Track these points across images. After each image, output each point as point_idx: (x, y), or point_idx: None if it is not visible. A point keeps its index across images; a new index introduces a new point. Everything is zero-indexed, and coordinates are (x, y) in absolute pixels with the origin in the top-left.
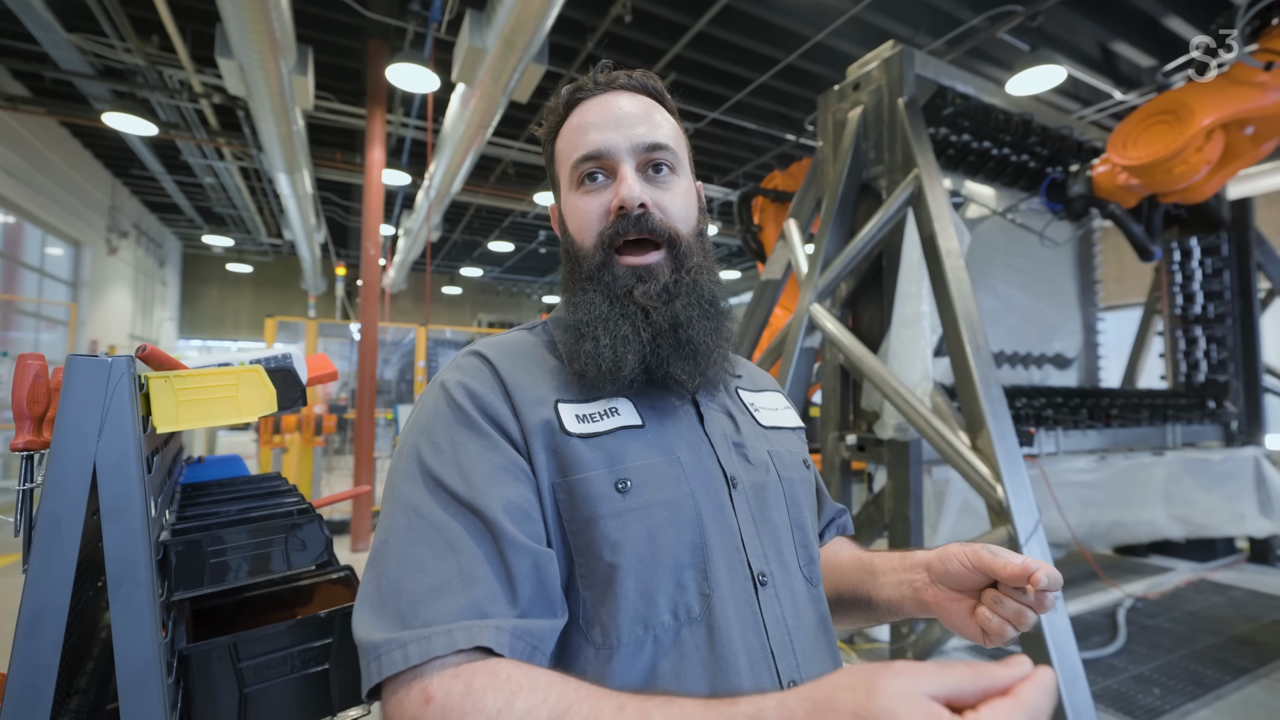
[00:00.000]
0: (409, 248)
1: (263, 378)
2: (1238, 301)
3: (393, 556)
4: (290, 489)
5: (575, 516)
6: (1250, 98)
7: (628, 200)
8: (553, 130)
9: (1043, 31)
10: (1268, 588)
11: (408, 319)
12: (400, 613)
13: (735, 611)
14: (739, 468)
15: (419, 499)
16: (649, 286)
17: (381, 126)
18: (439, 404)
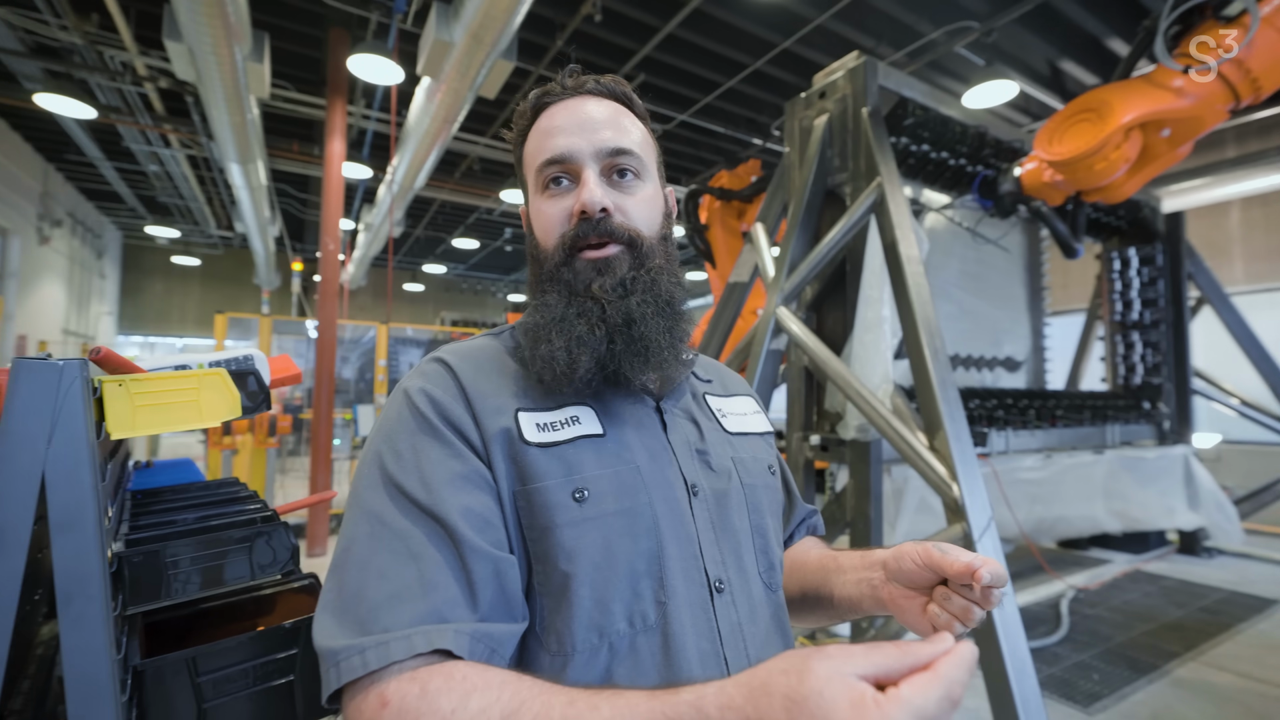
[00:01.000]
0: (369, 243)
1: (226, 381)
2: (1171, 309)
3: (354, 563)
4: (251, 494)
5: (533, 525)
6: (1167, 100)
7: (588, 204)
8: (521, 133)
9: (997, 48)
10: (1195, 577)
11: (367, 316)
12: (360, 619)
13: (691, 619)
14: (700, 475)
15: (381, 506)
16: (606, 280)
17: (342, 118)
18: (401, 411)
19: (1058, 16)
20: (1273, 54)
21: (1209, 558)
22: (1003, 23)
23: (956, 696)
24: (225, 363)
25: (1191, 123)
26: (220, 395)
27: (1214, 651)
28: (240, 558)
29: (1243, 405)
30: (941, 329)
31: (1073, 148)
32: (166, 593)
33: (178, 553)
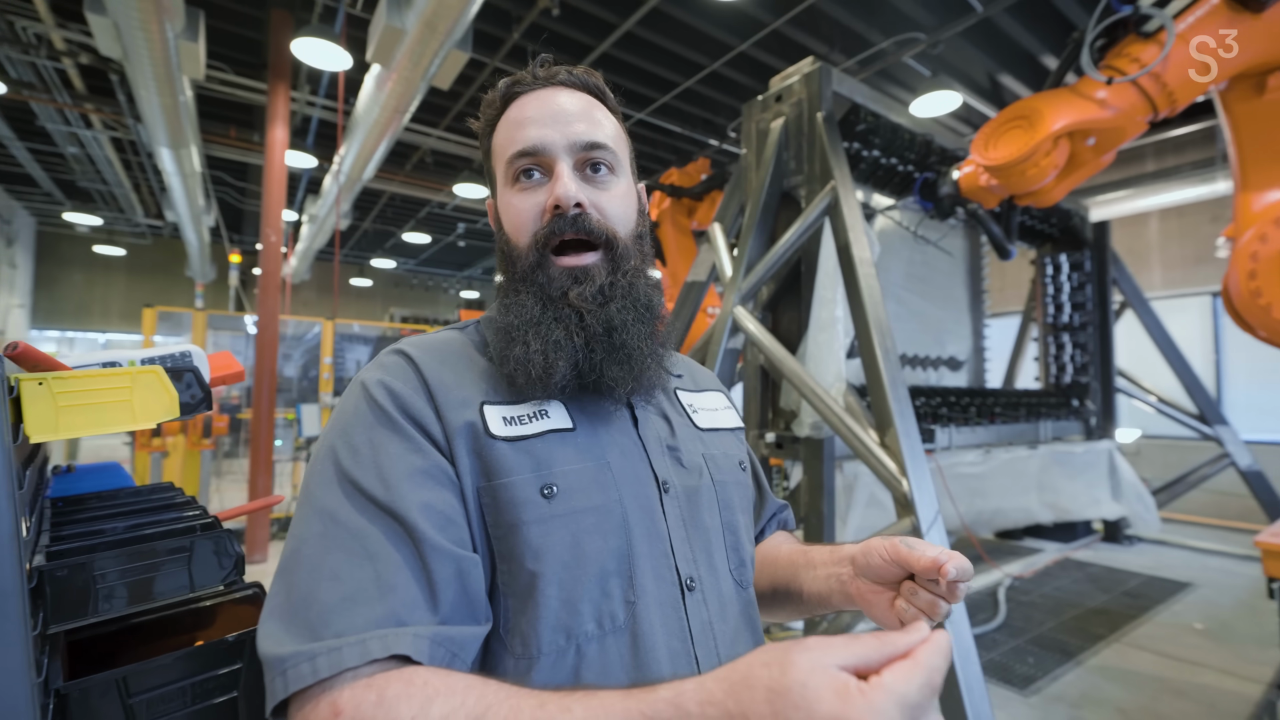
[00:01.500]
0: (314, 235)
1: (162, 379)
2: (1097, 312)
3: (305, 565)
4: (189, 501)
5: (498, 522)
6: (1092, 110)
7: (563, 199)
8: (489, 124)
9: (942, 59)
10: (1118, 563)
11: (311, 311)
12: (310, 625)
13: (660, 618)
14: (671, 471)
15: (334, 504)
16: (584, 288)
17: (285, 104)
18: (359, 404)
19: (998, 32)
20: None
21: (1130, 545)
22: (947, 35)
23: (936, 683)
24: (160, 360)
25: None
26: (156, 395)
27: (1135, 633)
28: (177, 569)
29: (1160, 402)
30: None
31: (1007, 153)
32: (94, 608)
33: (106, 565)
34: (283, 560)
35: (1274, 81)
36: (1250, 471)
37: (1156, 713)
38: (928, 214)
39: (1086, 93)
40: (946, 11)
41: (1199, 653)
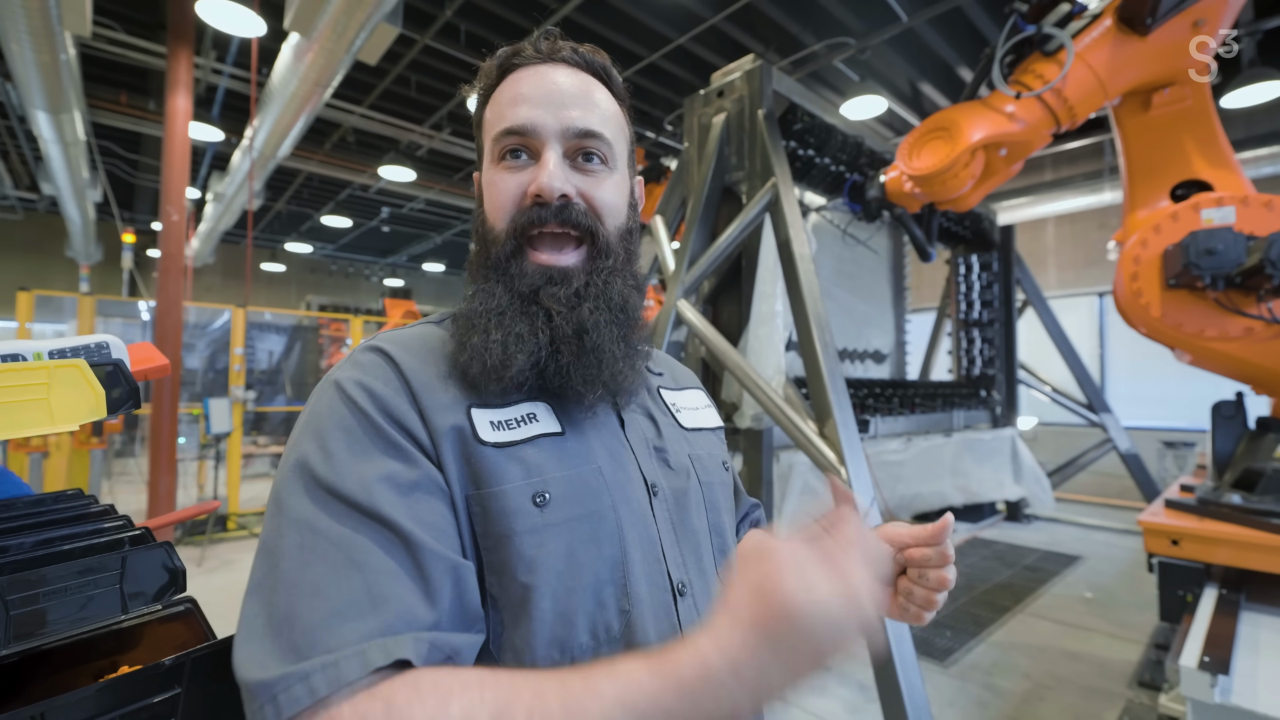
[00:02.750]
0: (219, 215)
1: (86, 374)
2: (1003, 309)
3: (284, 581)
4: (105, 509)
5: (489, 533)
6: (1005, 124)
7: (545, 189)
8: (483, 94)
9: (869, 65)
10: (1019, 540)
11: (215, 298)
12: (296, 645)
13: (654, 626)
14: (660, 474)
15: (309, 513)
16: (559, 290)
17: (188, 70)
18: (333, 406)
19: (920, 42)
20: (1085, 85)
21: (1028, 523)
22: (874, 42)
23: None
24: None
25: (1024, 144)
26: (78, 392)
27: (1035, 604)
28: (107, 589)
29: (1054, 393)
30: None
31: (929, 164)
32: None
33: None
34: (255, 578)
35: (1158, 99)
36: (1129, 454)
37: (1056, 675)
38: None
39: (997, 106)
40: (874, 19)
41: (1089, 619)
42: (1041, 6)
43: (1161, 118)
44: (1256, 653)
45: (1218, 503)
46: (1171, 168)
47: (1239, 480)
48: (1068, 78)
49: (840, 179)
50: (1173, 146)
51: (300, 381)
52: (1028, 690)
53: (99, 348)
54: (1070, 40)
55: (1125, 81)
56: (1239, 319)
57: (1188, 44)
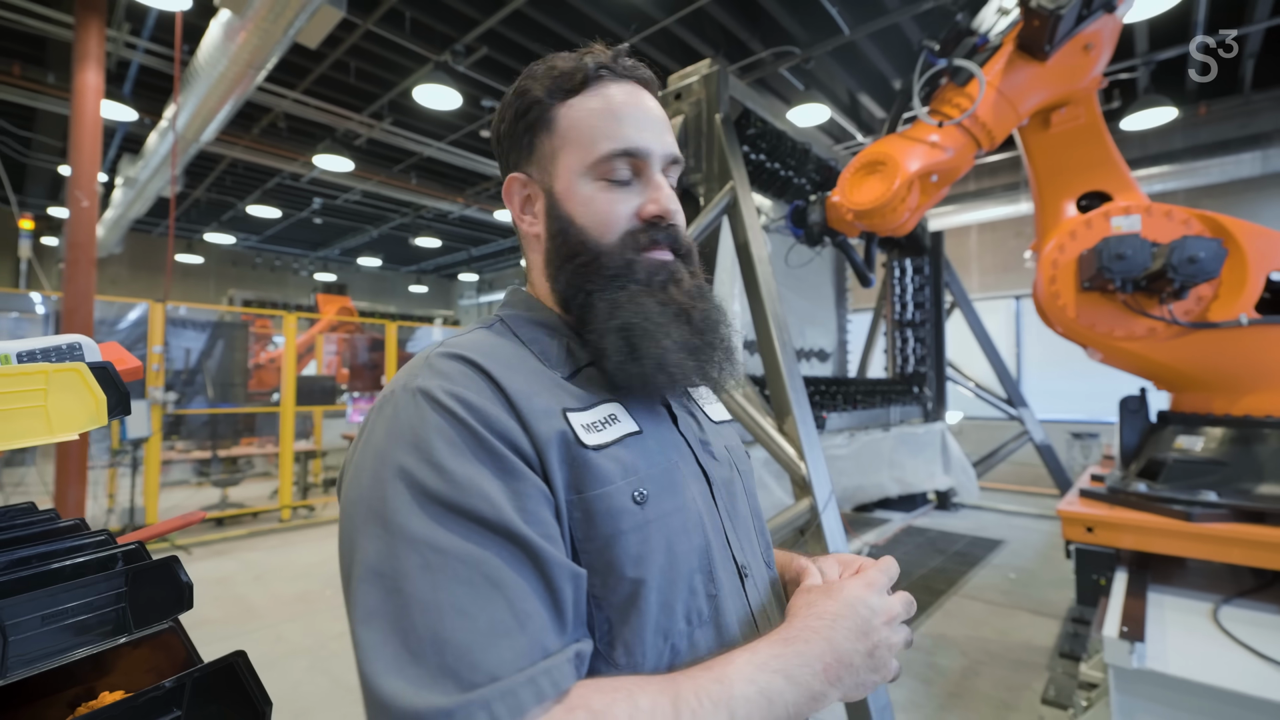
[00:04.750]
0: (129, 202)
1: (86, 379)
2: (933, 310)
3: (416, 604)
4: (77, 523)
5: (593, 535)
6: (936, 155)
7: (669, 211)
8: (559, 94)
9: (813, 75)
10: (949, 527)
11: (121, 290)
12: (450, 669)
13: (733, 606)
14: (711, 465)
15: (430, 531)
16: (681, 285)
17: (99, 43)
18: (427, 417)
19: (859, 55)
20: (999, 109)
21: (956, 511)
22: (818, 53)
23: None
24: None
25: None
26: (78, 398)
27: (966, 585)
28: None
29: (978, 388)
30: None
31: (870, 199)
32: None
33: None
34: (369, 604)
35: (1056, 118)
36: (1042, 445)
37: (989, 651)
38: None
39: (923, 137)
40: (819, 30)
41: (1014, 597)
42: (949, 41)
43: (1061, 134)
44: (1164, 626)
45: (1125, 491)
46: (1075, 180)
47: (1144, 470)
48: (982, 104)
49: (789, 183)
50: (1073, 161)
51: (224, 382)
52: (965, 666)
53: (70, 349)
54: (979, 70)
55: (1032, 103)
56: (1144, 320)
57: (1081, 66)
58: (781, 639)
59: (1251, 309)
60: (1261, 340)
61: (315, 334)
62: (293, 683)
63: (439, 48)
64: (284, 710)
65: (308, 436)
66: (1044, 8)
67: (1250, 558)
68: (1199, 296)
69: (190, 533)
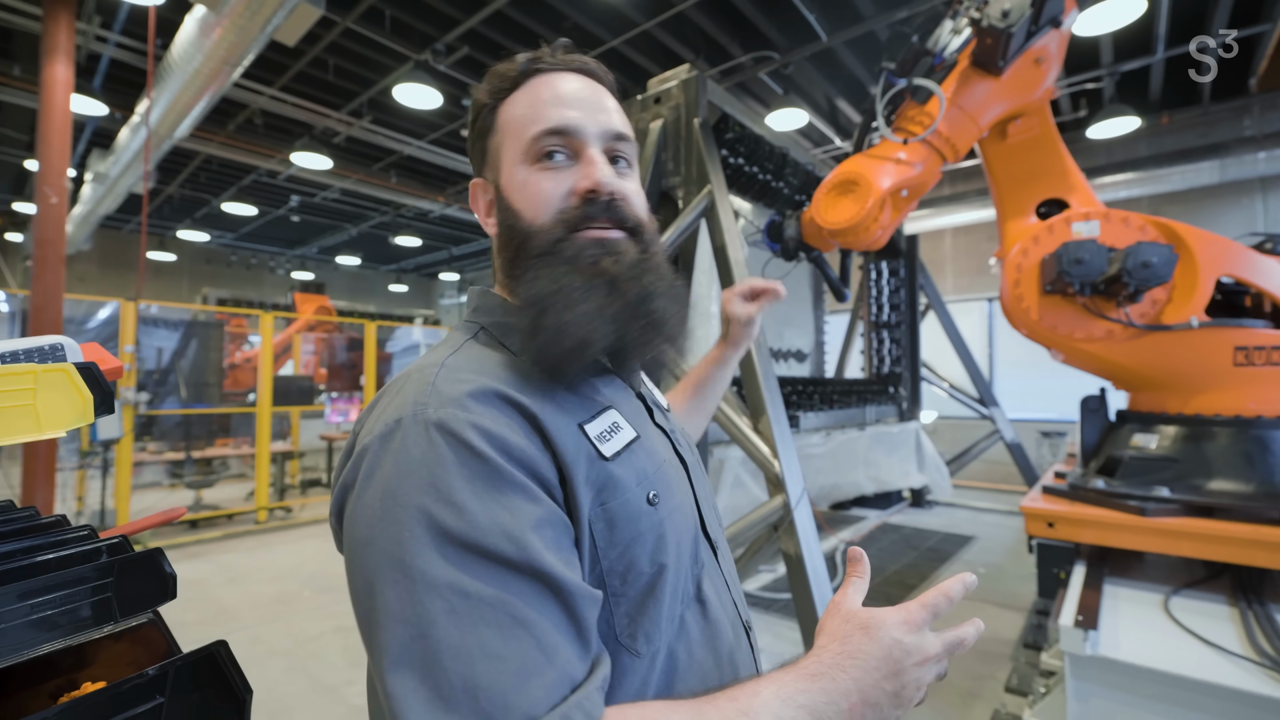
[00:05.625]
0: (99, 198)
1: (73, 379)
2: (909, 312)
3: (445, 650)
4: (58, 519)
5: (615, 540)
6: (906, 172)
7: (602, 184)
8: (497, 94)
9: (792, 80)
10: (922, 524)
11: (90, 289)
12: (486, 713)
13: (710, 581)
14: (685, 452)
15: (450, 574)
16: (619, 258)
17: (69, 35)
18: (443, 453)
19: (837, 61)
20: (960, 124)
21: (930, 508)
22: (796, 59)
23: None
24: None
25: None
26: (66, 396)
27: (939, 579)
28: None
29: (951, 389)
30: None
31: (845, 219)
32: None
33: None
34: (400, 648)
35: (1012, 129)
36: (1013, 444)
37: None
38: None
39: (891, 154)
40: (797, 36)
41: (983, 592)
42: (907, 61)
43: (1017, 145)
44: (1117, 615)
45: (1085, 488)
46: (1033, 188)
47: (1103, 467)
48: (944, 119)
49: (768, 187)
50: (1031, 169)
51: (197, 382)
52: None
53: (53, 349)
54: (938, 88)
55: (990, 116)
56: (1102, 322)
57: (1034, 79)
58: (809, 674)
59: (1202, 312)
60: (1211, 342)
61: (292, 333)
62: (270, 683)
63: (419, 46)
64: (262, 710)
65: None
66: (995, 27)
67: (1200, 550)
68: (1153, 300)
69: (163, 535)
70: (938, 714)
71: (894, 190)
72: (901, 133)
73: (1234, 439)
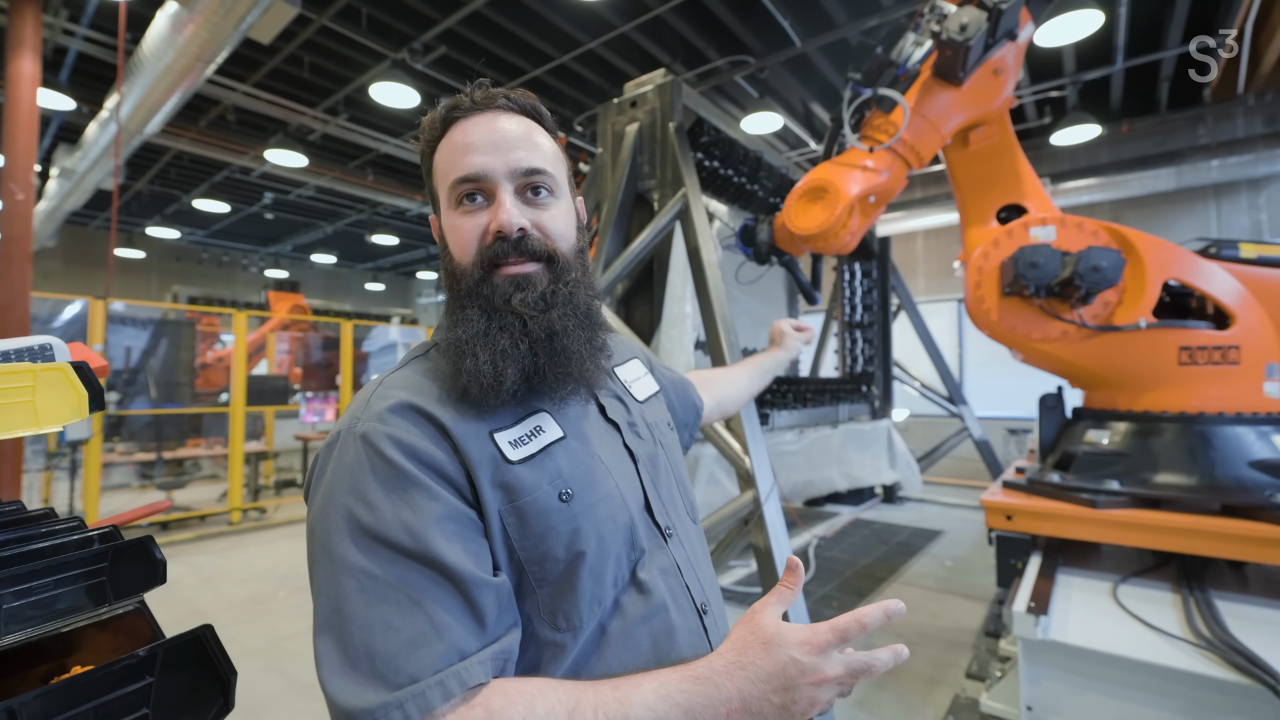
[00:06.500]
0: (65, 194)
1: (70, 377)
2: (881, 312)
3: (353, 621)
4: (46, 511)
5: (528, 534)
6: (873, 179)
7: (505, 225)
8: (430, 144)
9: (767, 84)
10: (893, 519)
11: (55, 286)
12: (380, 674)
13: (657, 566)
14: (636, 444)
15: (362, 561)
16: (527, 294)
17: (35, 29)
18: (362, 460)
19: (811, 65)
20: (923, 132)
21: (901, 504)
22: (772, 63)
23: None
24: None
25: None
26: (63, 393)
27: (906, 573)
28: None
29: (922, 387)
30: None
31: (815, 225)
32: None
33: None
34: (323, 618)
35: (974, 136)
36: (981, 441)
37: (923, 632)
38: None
39: (858, 162)
40: (772, 41)
41: (949, 583)
42: (872, 72)
43: (978, 152)
44: (1069, 602)
45: (1041, 482)
46: (994, 194)
47: (1059, 462)
48: (908, 128)
49: (742, 189)
50: (991, 176)
51: (168, 382)
52: None
53: (42, 349)
54: (902, 98)
55: (953, 124)
56: (1057, 323)
57: (993, 89)
58: (695, 676)
59: (1150, 314)
60: (1158, 342)
61: (266, 332)
62: (246, 682)
63: (397, 45)
64: (239, 708)
65: (259, 437)
66: (954, 40)
67: (1146, 540)
68: (1105, 302)
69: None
70: (901, 701)
71: (862, 196)
72: (868, 141)
73: (1179, 435)
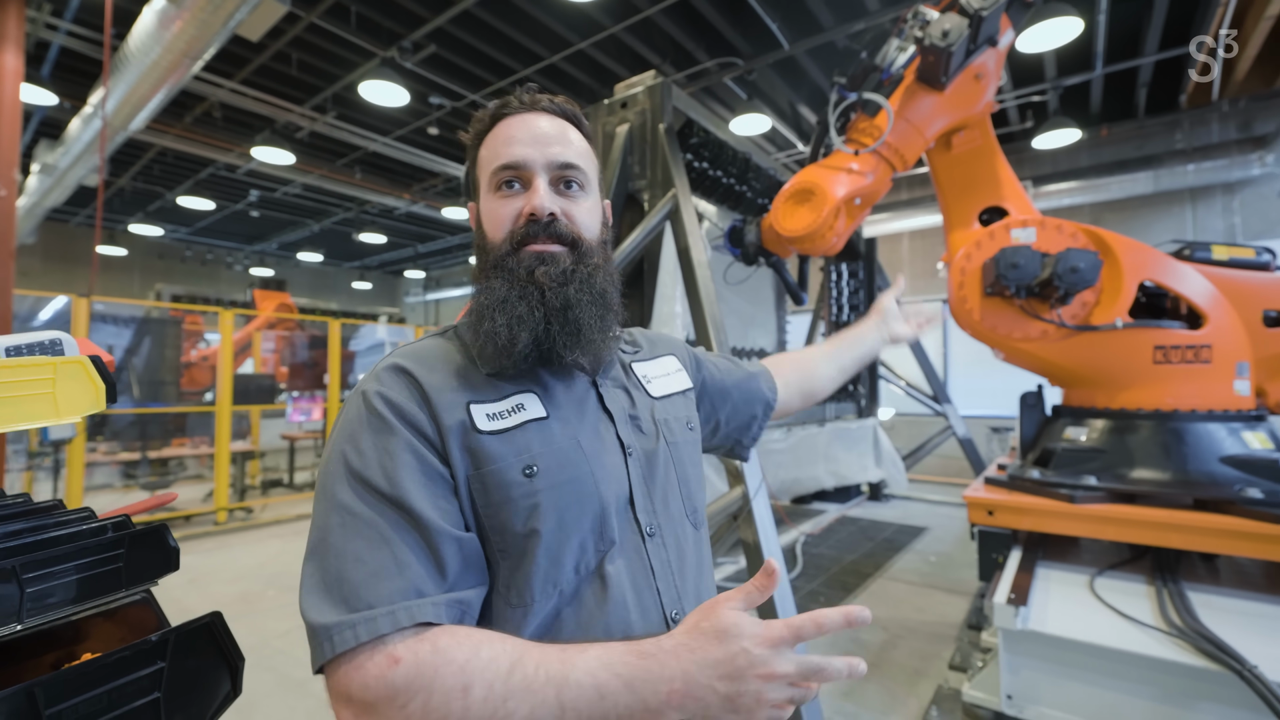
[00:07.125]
0: (46, 190)
1: (88, 370)
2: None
3: (332, 550)
4: (55, 503)
5: (489, 502)
6: (859, 182)
7: (538, 209)
8: (478, 137)
9: (756, 85)
10: (879, 516)
11: (33, 284)
12: (344, 598)
13: (626, 562)
14: (633, 437)
15: (348, 498)
16: (550, 269)
17: (18, 23)
18: (360, 412)
19: (799, 68)
20: (907, 135)
21: (887, 501)
22: (760, 65)
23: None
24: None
25: (874, 193)
26: (82, 385)
27: (891, 568)
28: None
29: (908, 387)
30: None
31: (802, 227)
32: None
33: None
34: (311, 545)
35: (957, 140)
36: (964, 439)
37: (907, 626)
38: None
39: (844, 165)
40: (760, 44)
41: (932, 578)
42: (857, 77)
43: (961, 155)
44: (1047, 594)
45: (1022, 478)
46: (976, 196)
47: (1039, 458)
48: (892, 131)
49: (731, 190)
50: (973, 179)
51: (152, 380)
52: (885, 640)
53: (53, 344)
54: (886, 102)
55: (936, 128)
56: (1036, 323)
57: (974, 93)
58: (641, 652)
59: (1126, 314)
60: (1134, 341)
61: (252, 330)
62: None
63: (385, 43)
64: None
65: (245, 437)
66: (937, 45)
67: (1122, 534)
68: (1083, 302)
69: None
70: (887, 692)
71: (848, 199)
72: (853, 144)
73: (1153, 431)
